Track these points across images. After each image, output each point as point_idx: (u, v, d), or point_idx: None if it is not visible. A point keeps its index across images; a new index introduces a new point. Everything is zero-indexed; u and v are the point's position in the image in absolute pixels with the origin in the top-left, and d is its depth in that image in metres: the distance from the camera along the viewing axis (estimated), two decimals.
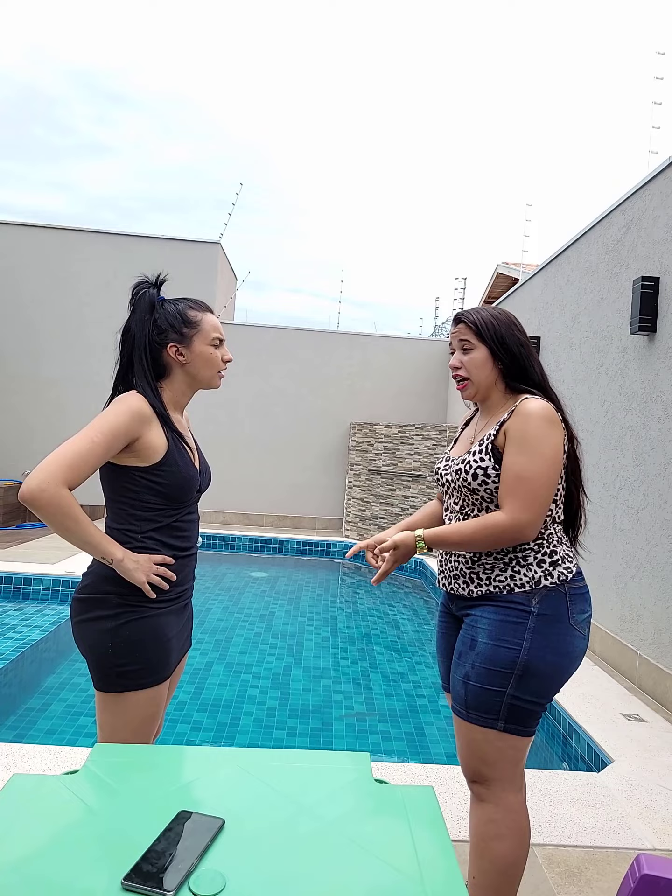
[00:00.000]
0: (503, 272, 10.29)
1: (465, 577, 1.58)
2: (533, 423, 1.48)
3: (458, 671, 1.55)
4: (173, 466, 1.48)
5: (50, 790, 1.05)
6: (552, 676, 1.49)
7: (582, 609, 1.53)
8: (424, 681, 3.99)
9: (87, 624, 1.46)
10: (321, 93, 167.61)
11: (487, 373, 1.59)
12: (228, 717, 3.33)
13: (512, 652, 1.46)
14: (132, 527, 1.48)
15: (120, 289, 8.74)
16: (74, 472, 1.34)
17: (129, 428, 1.41)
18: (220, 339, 1.58)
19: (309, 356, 9.17)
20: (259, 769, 1.16)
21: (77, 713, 3.22)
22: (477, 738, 1.50)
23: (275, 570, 7.05)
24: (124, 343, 1.55)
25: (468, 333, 1.60)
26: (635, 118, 40.78)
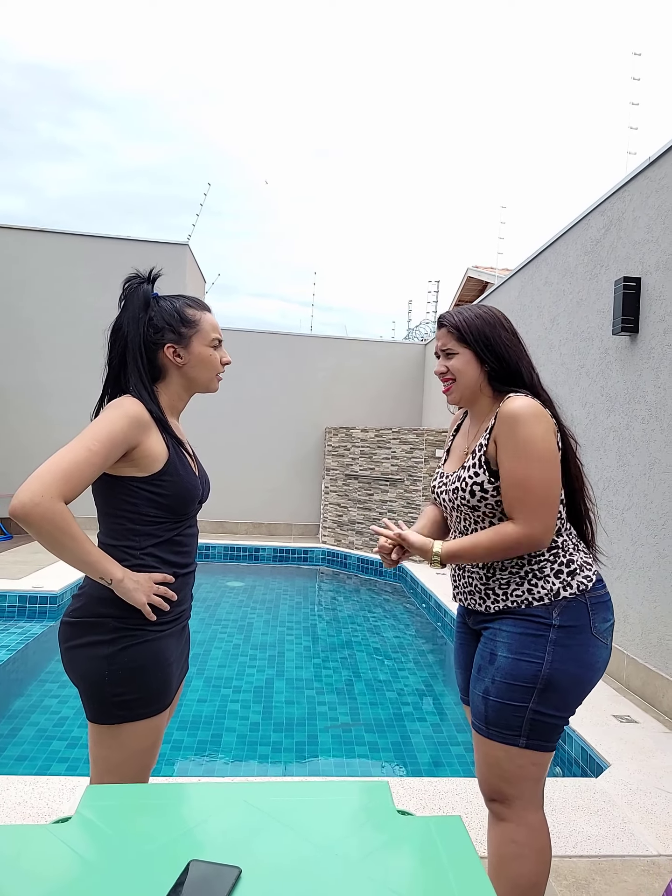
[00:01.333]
0: (473, 276, 10.33)
1: (481, 593, 1.51)
2: (520, 423, 1.40)
3: (477, 686, 1.48)
4: (175, 476, 1.37)
5: (39, 842, 0.93)
6: (575, 689, 1.43)
7: (604, 618, 1.47)
8: (408, 688, 3.93)
9: (81, 650, 1.33)
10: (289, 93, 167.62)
11: (471, 377, 1.51)
12: (209, 733, 3.21)
13: (533, 665, 1.40)
14: (131, 543, 1.36)
15: (85, 292, 8.52)
16: (70, 484, 1.22)
17: (128, 435, 1.30)
18: (219, 340, 1.48)
19: (282, 360, 9.07)
20: (270, 805, 1.06)
21: (49, 737, 3.06)
22: (498, 755, 1.43)
23: (251, 579, 6.92)
24: (114, 343, 1.43)
25: (449, 339, 1.52)
26: (612, 119, 41.50)
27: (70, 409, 8.38)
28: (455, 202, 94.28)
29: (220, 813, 1.03)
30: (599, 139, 47.74)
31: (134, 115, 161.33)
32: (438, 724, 3.45)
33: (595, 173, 34.42)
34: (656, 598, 3.32)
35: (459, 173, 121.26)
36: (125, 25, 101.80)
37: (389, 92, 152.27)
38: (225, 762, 2.92)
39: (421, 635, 5.08)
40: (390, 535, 1.52)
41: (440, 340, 1.55)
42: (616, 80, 21.81)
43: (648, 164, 3.47)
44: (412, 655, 4.55)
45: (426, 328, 12.38)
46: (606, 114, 45.64)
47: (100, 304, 8.45)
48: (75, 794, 2.24)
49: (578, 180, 44.14)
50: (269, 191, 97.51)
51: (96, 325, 8.40)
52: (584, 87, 76.77)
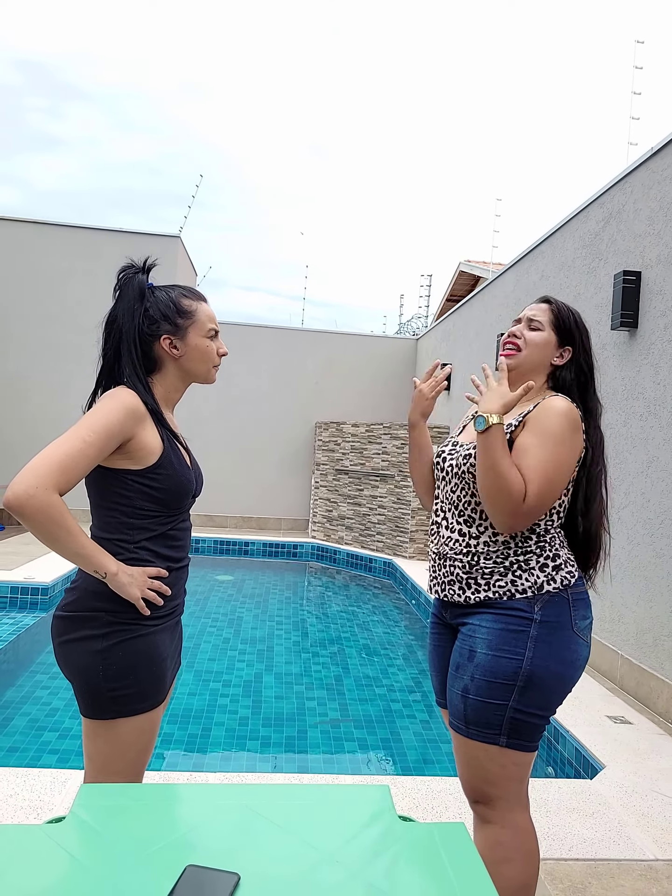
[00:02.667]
0: (466, 270, 10.30)
1: (462, 582, 1.46)
2: (553, 415, 1.39)
3: (455, 684, 1.43)
4: (169, 469, 1.34)
5: (33, 843, 0.88)
6: (556, 687, 1.40)
7: (584, 615, 1.44)
8: (398, 684, 3.90)
9: (74, 644, 1.29)
10: (281, 88, 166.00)
11: (540, 357, 1.49)
12: (199, 727, 3.16)
13: (514, 662, 1.36)
14: (124, 536, 1.32)
15: (74, 284, 8.40)
16: (66, 476, 1.19)
17: (124, 426, 1.26)
18: (215, 331, 1.44)
19: (273, 354, 8.99)
20: (269, 809, 1.00)
21: (41, 728, 3.01)
22: (478, 755, 1.39)
23: (241, 573, 6.86)
24: (109, 334, 1.39)
25: (544, 314, 1.51)
26: (612, 109, 41.45)
27: (55, 403, 8.27)
28: (449, 195, 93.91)
29: (218, 816, 0.98)
30: (599, 129, 47.74)
31: (124, 108, 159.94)
32: (428, 721, 3.41)
33: (594, 165, 34.40)
34: (652, 598, 3.29)
35: (453, 165, 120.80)
36: (114, 18, 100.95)
37: (382, 84, 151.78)
38: (214, 757, 2.88)
39: (410, 631, 5.05)
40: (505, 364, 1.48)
41: (533, 311, 1.52)
42: (617, 69, 21.85)
43: (651, 154, 3.43)
44: (401, 651, 4.52)
45: (418, 323, 12.34)
46: (607, 103, 45.60)
47: (88, 296, 8.34)
48: (67, 787, 2.18)
49: (577, 172, 44.09)
50: (260, 185, 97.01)
51: (86, 317, 8.32)
52: (584, 76, 76.64)
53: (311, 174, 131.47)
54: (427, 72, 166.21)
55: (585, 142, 50.94)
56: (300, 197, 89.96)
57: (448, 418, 7.35)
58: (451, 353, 7.48)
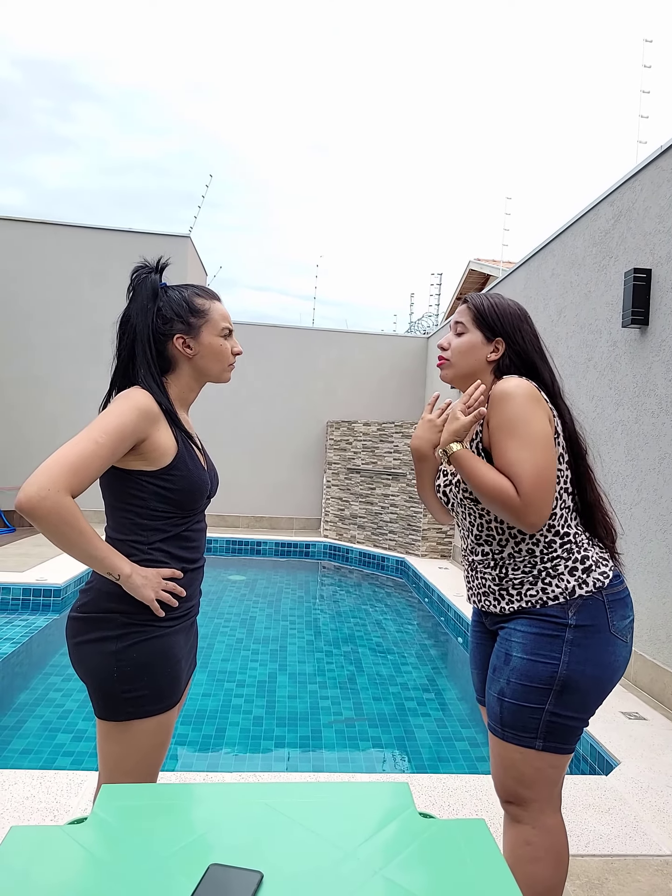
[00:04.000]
0: (475, 268, 10.27)
1: (495, 594, 1.47)
2: (510, 401, 1.34)
3: (492, 687, 1.44)
4: (184, 470, 1.34)
5: (56, 844, 0.90)
6: (594, 690, 1.38)
7: (623, 615, 1.42)
8: (412, 682, 3.90)
9: (89, 646, 1.30)
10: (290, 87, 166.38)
11: (472, 360, 1.47)
12: (214, 728, 3.18)
13: (549, 667, 1.35)
14: (138, 537, 1.33)
15: (87, 284, 8.45)
16: (78, 478, 1.18)
17: (137, 427, 1.26)
18: (229, 330, 1.44)
19: (284, 354, 9.02)
20: (289, 806, 1.02)
21: (54, 730, 3.03)
22: (514, 757, 1.39)
23: (253, 573, 6.89)
24: (123, 334, 1.39)
25: (464, 315, 1.49)
26: (621, 108, 40.98)
27: (69, 403, 8.34)
28: (459, 193, 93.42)
29: (239, 815, 1.00)
30: (608, 128, 47.28)
31: (131, 108, 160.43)
32: (442, 719, 3.42)
33: (603, 163, 34.08)
34: (665, 594, 3.28)
35: (463, 164, 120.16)
36: (122, 18, 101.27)
37: (391, 82, 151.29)
38: (229, 757, 2.90)
39: (424, 630, 5.06)
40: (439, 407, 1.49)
41: (457, 314, 1.52)
42: (626, 68, 21.56)
43: (660, 152, 3.41)
44: (415, 650, 4.52)
45: (428, 321, 12.31)
46: (616, 102, 45.15)
47: (100, 296, 8.40)
48: (83, 789, 2.21)
49: (586, 171, 43.72)
50: (269, 185, 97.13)
51: (97, 317, 8.39)
52: (593, 75, 75.90)
53: (321, 173, 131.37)
54: (436, 69, 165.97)
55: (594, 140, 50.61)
56: (309, 196, 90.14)
57: None
58: None
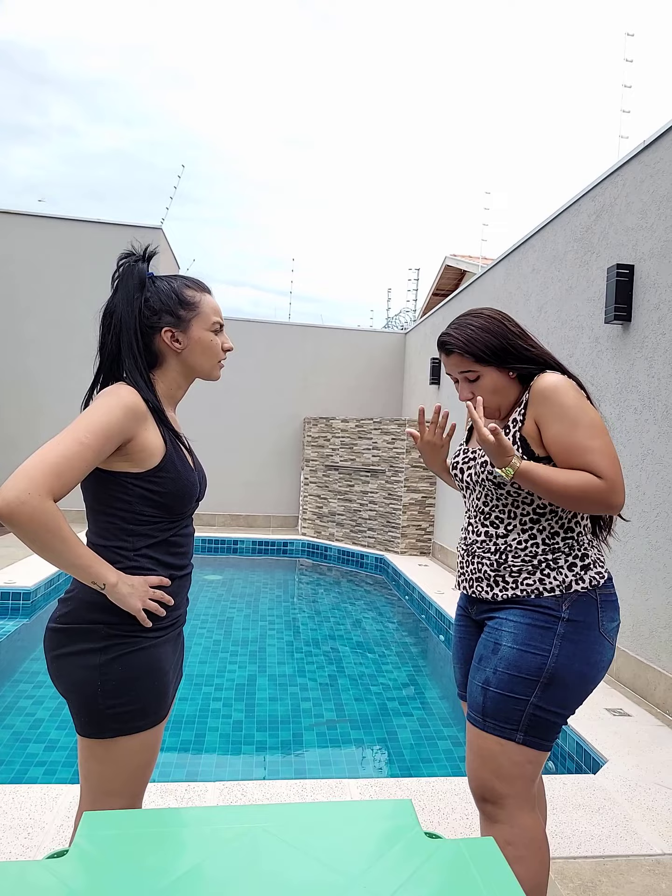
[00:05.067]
0: (451, 264, 10.27)
1: (490, 580, 1.45)
2: (560, 394, 1.37)
3: (477, 676, 1.42)
4: (172, 472, 1.26)
5: (35, 881, 0.81)
6: (579, 687, 1.38)
7: (611, 617, 1.43)
8: (393, 682, 3.86)
9: (70, 659, 1.22)
10: (265, 80, 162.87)
11: (503, 391, 1.46)
12: (192, 733, 3.10)
13: (539, 658, 1.35)
14: (123, 543, 1.25)
15: (53, 276, 8.24)
16: (61, 481, 1.10)
17: (123, 426, 1.18)
18: (220, 325, 1.37)
19: (260, 349, 8.90)
20: (287, 831, 0.95)
21: (25, 740, 2.92)
22: (493, 749, 1.37)
23: (230, 572, 6.79)
24: (107, 327, 1.31)
25: (465, 363, 1.46)
26: (603, 102, 41.28)
27: (42, 400, 8.12)
28: (437, 188, 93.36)
29: (233, 842, 0.92)
30: (589, 123, 47.70)
31: (101, 97, 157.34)
32: (424, 718, 3.39)
33: (585, 158, 34.38)
34: (648, 591, 3.28)
35: (442, 159, 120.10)
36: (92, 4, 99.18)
37: (370, 76, 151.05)
38: (209, 764, 2.82)
39: (404, 628, 5.02)
40: (489, 427, 1.31)
41: (456, 367, 1.47)
42: (608, 62, 21.71)
43: (643, 147, 3.40)
44: (396, 649, 4.49)
45: (406, 317, 12.28)
46: (597, 97, 45.53)
47: (68, 289, 8.20)
48: (58, 804, 2.11)
49: (566, 166, 44.10)
50: (244, 178, 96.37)
51: (65, 311, 8.18)
52: (574, 69, 76.45)
53: (297, 167, 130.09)
54: (416, 64, 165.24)
55: (576, 135, 50.98)
56: (285, 190, 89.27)
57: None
58: None
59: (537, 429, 1.40)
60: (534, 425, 1.40)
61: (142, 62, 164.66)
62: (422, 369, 8.13)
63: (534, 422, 1.40)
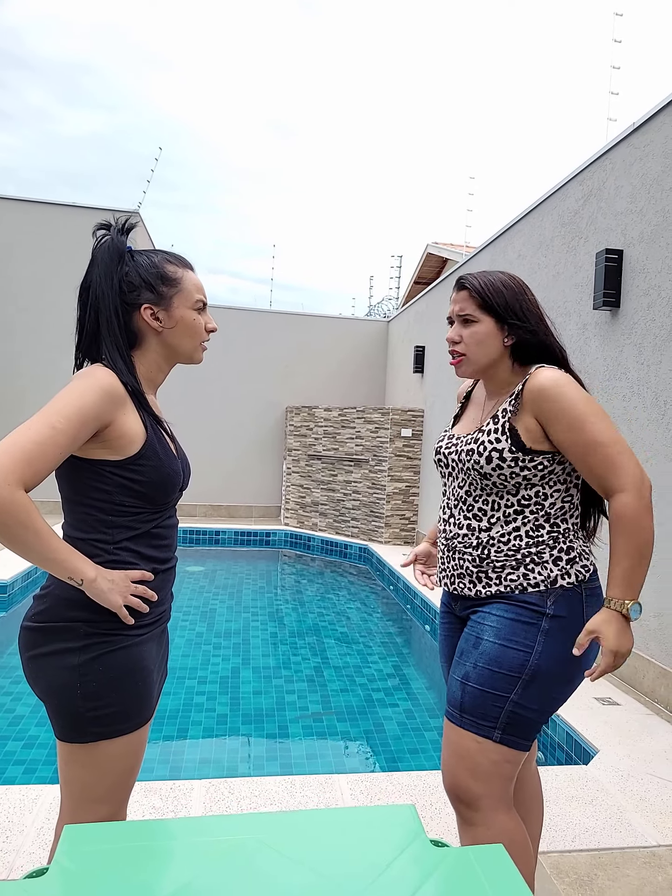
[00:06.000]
0: (433, 252, 10.20)
1: (472, 576, 1.39)
2: (563, 390, 1.30)
3: (457, 670, 1.36)
4: (153, 460, 1.18)
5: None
6: (561, 686, 1.33)
7: (596, 611, 1.36)
8: (379, 673, 3.83)
9: (47, 659, 1.14)
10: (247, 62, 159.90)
11: (490, 349, 1.38)
12: (175, 728, 3.03)
13: (521, 654, 1.29)
14: (102, 536, 1.17)
15: (26, 261, 8.03)
16: (33, 469, 1.01)
17: (101, 411, 1.10)
18: (203, 303, 1.28)
19: (241, 337, 8.77)
20: (285, 842, 0.89)
21: (3, 738, 2.84)
22: (469, 746, 1.31)
23: (212, 563, 6.70)
24: (84, 304, 1.23)
25: (470, 304, 1.39)
26: (591, 84, 41.01)
27: (22, 385, 7.93)
28: (420, 173, 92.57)
29: (228, 855, 0.85)
30: (577, 105, 47.38)
31: (77, 80, 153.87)
32: (411, 709, 3.35)
33: (572, 141, 34.20)
34: None
35: (425, 143, 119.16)
36: None
37: (352, 60, 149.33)
38: (192, 760, 2.75)
39: (389, 618, 4.99)
40: (603, 669, 1.28)
41: (458, 304, 1.40)
42: (596, 43, 21.57)
43: (633, 129, 3.35)
44: (381, 639, 4.45)
45: (388, 304, 12.20)
46: (585, 78, 45.13)
47: (40, 273, 8.00)
48: (38, 805, 2.03)
49: (554, 149, 43.85)
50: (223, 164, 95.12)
51: (39, 295, 7.98)
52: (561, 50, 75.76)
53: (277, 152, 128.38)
54: (400, 47, 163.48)
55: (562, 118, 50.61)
56: (265, 176, 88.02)
57: (423, 400, 7.27)
58: (423, 334, 7.39)
59: (539, 425, 1.34)
60: (534, 422, 1.34)
61: (119, 44, 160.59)
62: (405, 357, 8.07)
63: (534, 419, 1.34)
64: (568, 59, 70.32)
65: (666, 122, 3.15)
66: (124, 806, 1.23)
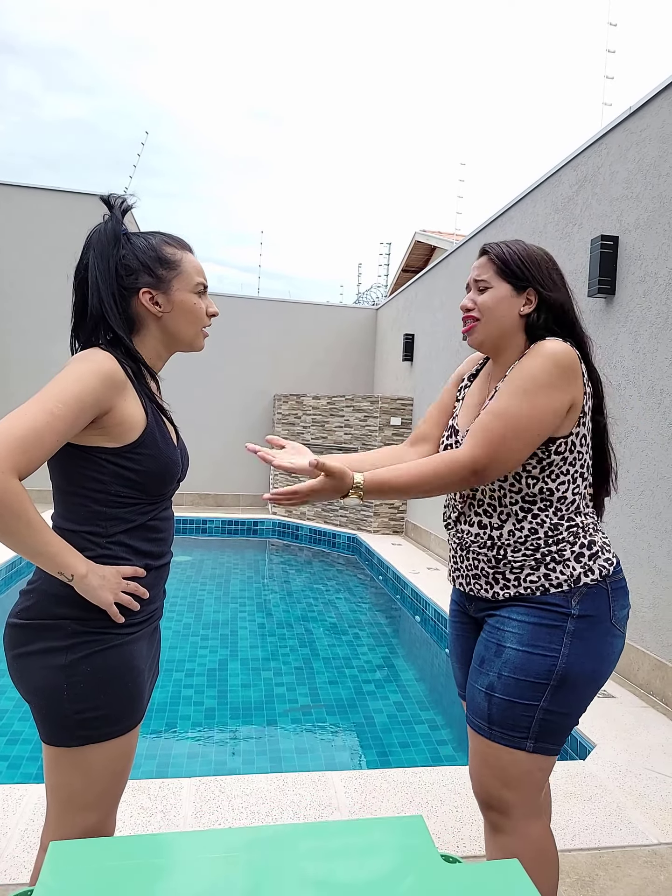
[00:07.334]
0: (421, 240, 10.11)
1: (489, 577, 1.31)
2: (540, 362, 1.22)
3: (479, 680, 1.29)
4: (152, 448, 1.12)
5: None
6: (592, 685, 1.27)
7: (622, 604, 1.31)
8: (368, 664, 3.79)
9: (33, 658, 1.08)
10: (232, 50, 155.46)
11: (503, 318, 1.30)
12: (163, 723, 2.98)
13: (548, 660, 1.23)
14: (95, 528, 1.11)
15: (8, 246, 7.84)
16: (27, 456, 0.96)
17: (100, 396, 1.05)
18: (203, 286, 1.22)
19: (228, 324, 8.63)
20: (286, 858, 0.82)
21: None
22: (502, 758, 1.25)
23: (199, 553, 6.62)
24: (81, 288, 1.17)
25: (487, 269, 1.32)
26: (585, 68, 40.69)
27: (6, 375, 7.77)
28: (410, 160, 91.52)
29: (226, 873, 0.79)
30: (571, 89, 47.01)
31: (60, 65, 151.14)
32: (401, 702, 3.32)
33: (566, 127, 33.97)
34: (631, 570, 3.24)
35: (415, 129, 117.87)
36: None
37: (339, 45, 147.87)
38: (180, 756, 2.69)
39: (378, 609, 4.95)
40: (311, 462, 1.20)
41: (476, 270, 1.34)
42: (591, 26, 21.41)
43: (629, 114, 3.29)
44: (370, 630, 4.41)
45: (377, 292, 12.11)
46: (579, 62, 44.77)
47: (21, 260, 7.83)
48: (22, 806, 1.96)
49: (547, 135, 43.66)
50: (209, 151, 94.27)
51: (24, 283, 7.79)
52: (555, 34, 75.29)
53: (264, 139, 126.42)
54: (388, 32, 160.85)
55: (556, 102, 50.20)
56: (252, 164, 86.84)
57: (412, 389, 7.21)
58: (413, 322, 7.32)
59: None
60: None
61: (102, 29, 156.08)
62: (394, 345, 8.00)
63: None
64: (562, 42, 69.95)
65: (663, 107, 3.09)
66: (113, 812, 1.17)
